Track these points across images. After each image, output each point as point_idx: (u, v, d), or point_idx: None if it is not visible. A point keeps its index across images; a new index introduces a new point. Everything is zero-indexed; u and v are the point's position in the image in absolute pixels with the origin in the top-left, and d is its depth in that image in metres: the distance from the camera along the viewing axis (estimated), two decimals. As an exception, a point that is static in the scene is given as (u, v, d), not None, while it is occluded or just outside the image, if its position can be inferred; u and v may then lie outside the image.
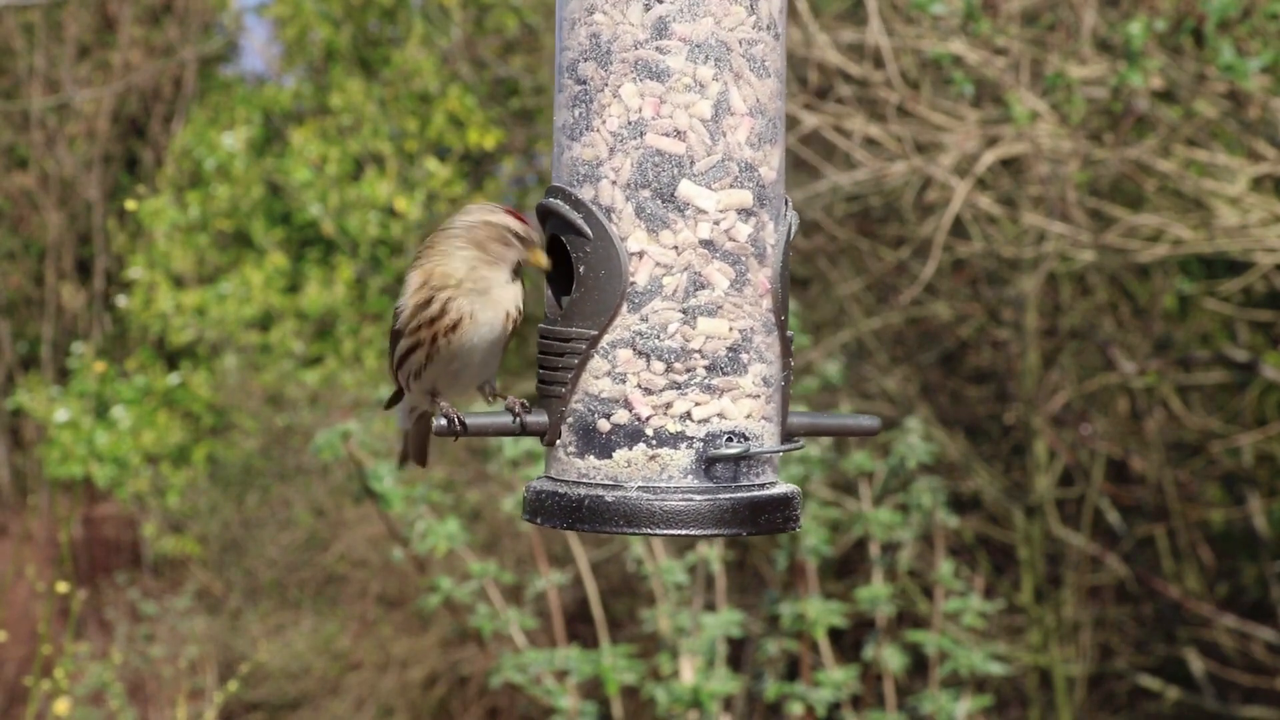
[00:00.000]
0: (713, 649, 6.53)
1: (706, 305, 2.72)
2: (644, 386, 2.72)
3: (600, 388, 2.74)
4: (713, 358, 2.73)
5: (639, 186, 2.72)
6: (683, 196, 2.71)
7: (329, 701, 11.12)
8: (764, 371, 2.77)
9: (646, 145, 2.72)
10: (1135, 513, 10.33)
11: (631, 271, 2.71)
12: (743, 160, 2.74)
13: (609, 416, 2.74)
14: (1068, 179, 7.60)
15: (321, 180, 14.86)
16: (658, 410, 2.72)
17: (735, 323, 2.74)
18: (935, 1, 6.55)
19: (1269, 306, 9.79)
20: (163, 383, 15.00)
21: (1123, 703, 10.31)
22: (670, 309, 2.72)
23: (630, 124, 2.72)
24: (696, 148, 2.72)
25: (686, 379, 2.72)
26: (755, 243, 2.75)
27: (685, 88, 2.71)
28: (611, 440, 2.74)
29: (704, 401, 2.73)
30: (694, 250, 2.72)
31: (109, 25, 17.35)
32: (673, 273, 2.72)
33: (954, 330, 10.39)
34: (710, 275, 2.73)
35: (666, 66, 2.71)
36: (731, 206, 2.73)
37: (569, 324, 2.75)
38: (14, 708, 12.28)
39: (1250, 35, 6.44)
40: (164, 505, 14.20)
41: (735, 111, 2.73)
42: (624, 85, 2.72)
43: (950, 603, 6.69)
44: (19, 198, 17.01)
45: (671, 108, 2.71)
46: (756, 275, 2.75)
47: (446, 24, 14.29)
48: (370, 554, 11.22)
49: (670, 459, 2.72)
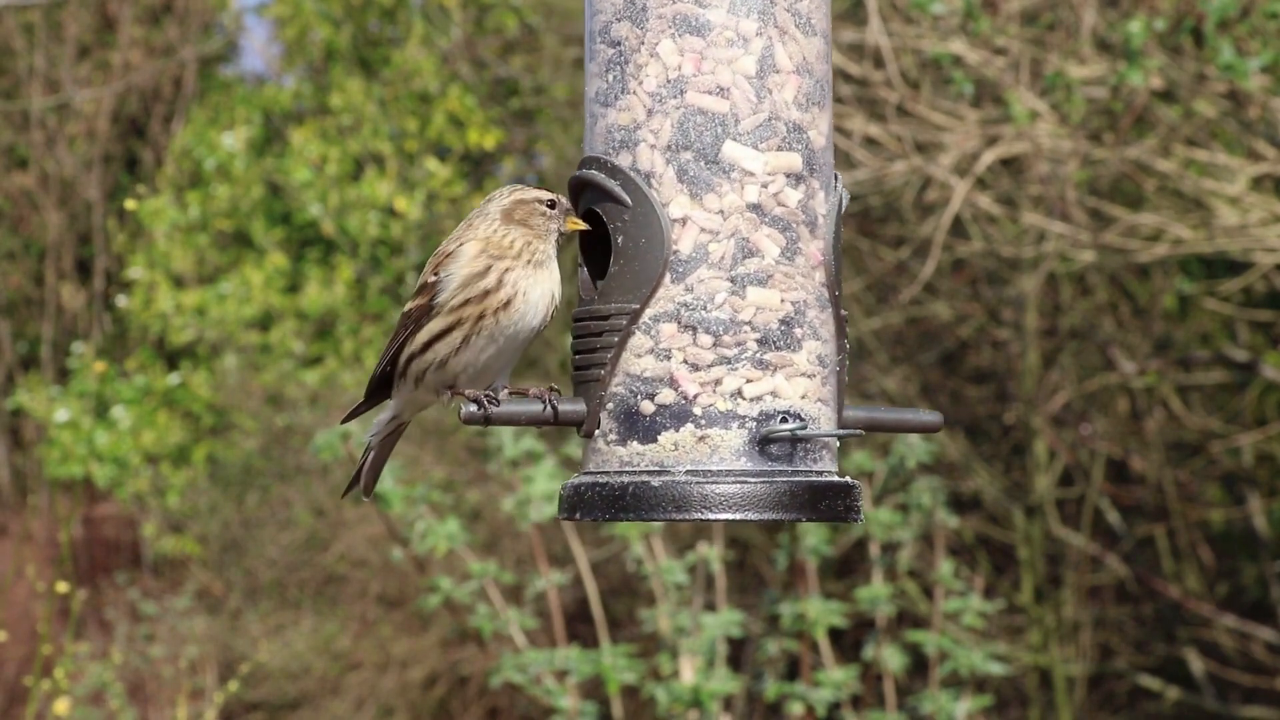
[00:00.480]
0: (713, 649, 6.53)
1: (756, 274, 2.54)
2: (690, 362, 2.54)
3: (643, 366, 2.55)
4: (764, 330, 2.54)
5: (680, 148, 2.54)
6: (728, 157, 2.54)
7: (329, 701, 11.12)
8: (819, 350, 2.58)
9: (688, 104, 2.55)
10: (1135, 513, 10.33)
11: (674, 239, 2.54)
12: (790, 121, 2.56)
13: (653, 397, 2.54)
14: (1068, 179, 7.60)
15: (321, 180, 14.86)
16: (706, 387, 2.53)
17: (787, 294, 2.55)
18: (935, 1, 6.55)
19: (1269, 306, 9.79)
20: (163, 383, 15.00)
21: (1123, 703, 10.31)
22: (717, 278, 2.54)
23: (669, 82, 2.55)
24: (741, 105, 2.55)
25: (737, 353, 2.53)
26: (806, 210, 2.57)
27: (728, 42, 2.54)
28: (656, 422, 2.54)
29: (756, 378, 2.54)
30: (741, 215, 2.54)
31: (109, 25, 17.35)
32: (719, 239, 2.54)
33: (954, 330, 10.39)
34: (759, 242, 2.55)
35: (707, 20, 2.54)
36: (780, 169, 2.55)
37: (608, 300, 2.57)
38: (14, 708, 12.28)
39: (1250, 35, 6.43)
40: (164, 505, 14.19)
41: (781, 69, 2.56)
42: (662, 43, 2.55)
43: (950, 603, 6.69)
44: (19, 198, 17.01)
45: (713, 64, 2.54)
46: (808, 245, 2.57)
47: (446, 24, 14.29)
48: (370, 554, 11.22)
49: (721, 440, 2.53)
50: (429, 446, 11.05)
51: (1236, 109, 7.18)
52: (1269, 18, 6.31)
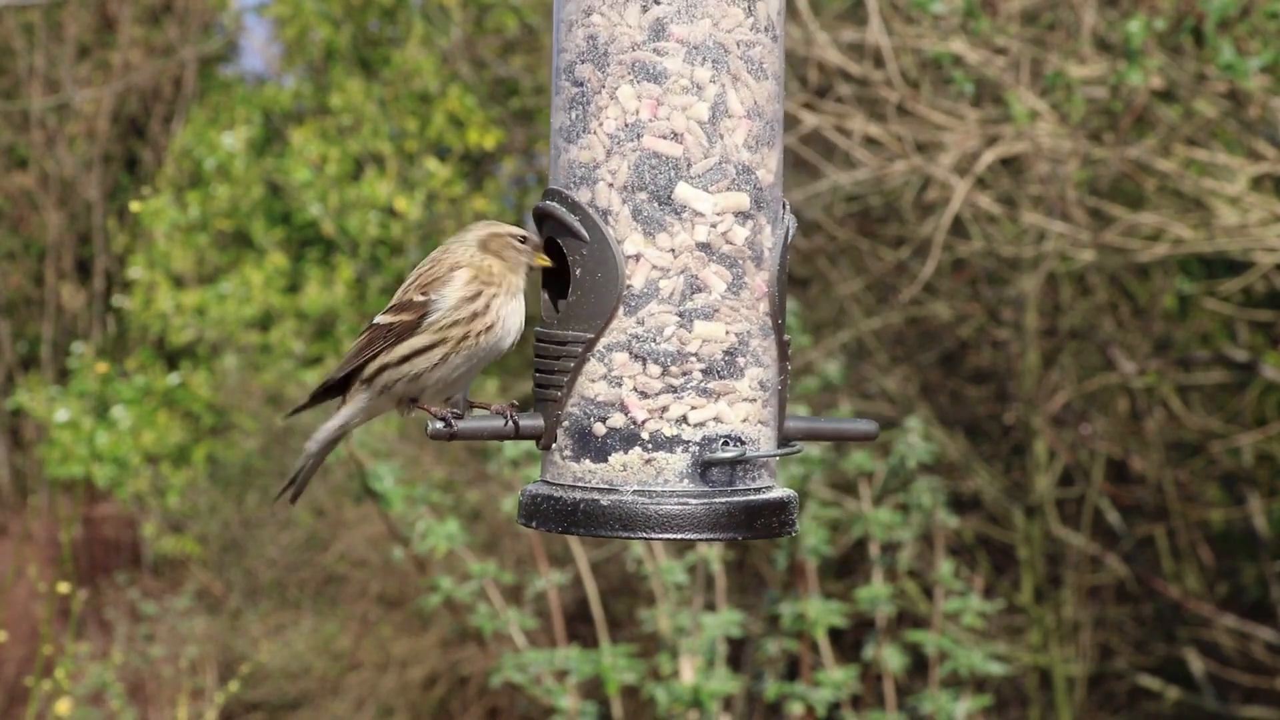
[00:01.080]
0: (713, 649, 6.53)
1: (703, 308, 2.70)
2: (640, 390, 2.71)
3: (596, 391, 2.72)
4: (709, 361, 2.71)
5: (636, 189, 2.70)
6: (680, 199, 2.69)
7: (329, 701, 11.12)
8: (760, 375, 2.75)
9: (644, 147, 2.70)
10: (1135, 513, 10.33)
11: (628, 274, 2.70)
12: (740, 163, 2.72)
13: (605, 420, 2.72)
14: (1067, 178, 7.60)
15: (321, 180, 14.86)
16: (654, 414, 2.70)
17: (732, 326, 2.72)
18: (935, 1, 6.55)
19: (1269, 306, 9.78)
20: (163, 383, 15.00)
21: (1123, 703, 10.31)
22: (667, 312, 2.70)
23: (627, 126, 2.70)
24: (694, 150, 2.69)
25: (683, 382, 2.70)
26: (752, 246, 2.73)
27: (683, 89, 2.69)
28: (607, 444, 2.72)
29: (700, 405, 2.71)
30: (691, 253, 2.70)
31: (109, 25, 17.35)
32: (669, 275, 2.70)
33: (954, 330, 10.39)
34: (707, 278, 2.71)
35: (664, 68, 2.69)
36: (729, 209, 2.71)
37: (565, 327, 2.74)
38: (14, 708, 12.28)
39: (1250, 34, 6.43)
40: (164, 505, 14.19)
41: (733, 114, 2.71)
42: (621, 87, 2.70)
43: (950, 603, 6.69)
44: (19, 198, 17.01)
45: (669, 109, 2.69)
46: (754, 278, 2.73)
47: (446, 24, 14.29)
48: (370, 554, 11.22)
49: (666, 463, 2.70)
50: (429, 447, 11.05)
51: (1236, 109, 7.18)
52: (1269, 17, 6.30)
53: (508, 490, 7.71)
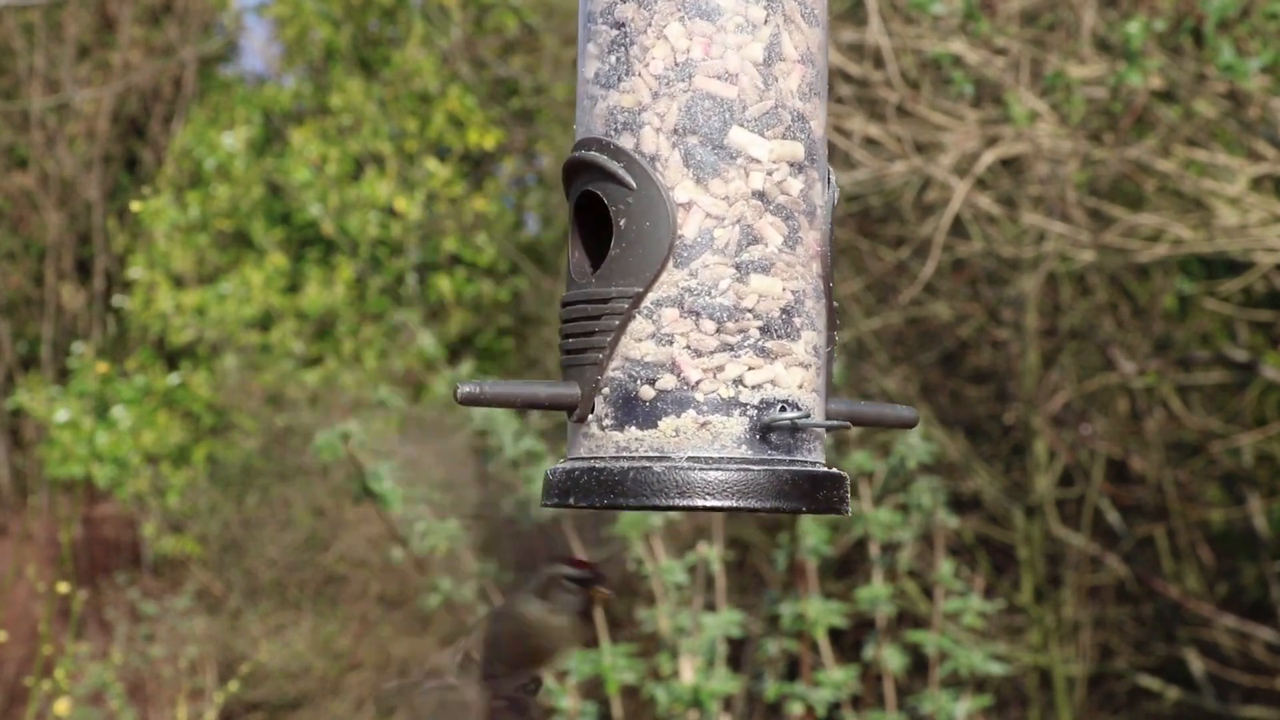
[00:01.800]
0: (713, 649, 6.53)
1: (760, 261, 2.51)
2: (693, 348, 2.49)
3: (643, 351, 2.50)
4: (767, 318, 2.51)
5: (687, 132, 2.51)
6: (734, 143, 2.51)
7: (329, 701, 11.12)
8: (815, 340, 2.56)
9: (695, 88, 2.51)
10: (1135, 513, 10.33)
11: (679, 223, 2.50)
12: (794, 109, 2.55)
13: (654, 382, 2.50)
14: (1067, 179, 7.60)
15: (321, 180, 14.86)
16: (709, 374, 2.49)
17: (789, 283, 2.53)
18: (935, 1, 6.55)
19: (1269, 306, 9.79)
20: (163, 383, 15.00)
21: (1123, 703, 10.31)
22: (722, 264, 2.50)
23: (677, 65, 2.52)
24: (749, 92, 2.52)
25: (740, 340, 2.50)
26: (806, 200, 2.56)
27: (737, 28, 2.52)
28: (657, 408, 2.49)
29: (758, 366, 2.50)
30: (746, 201, 2.51)
31: (109, 25, 17.35)
32: (724, 225, 2.51)
33: (954, 330, 10.39)
34: (763, 230, 2.52)
35: (717, 5, 2.52)
36: (784, 158, 2.54)
37: (607, 284, 2.52)
38: (14, 708, 12.29)
39: (1250, 35, 6.43)
40: (164, 505, 14.19)
41: (787, 57, 2.55)
42: (670, 25, 2.52)
43: (950, 603, 6.69)
44: (19, 198, 17.01)
45: (722, 49, 2.52)
46: (808, 235, 2.56)
47: (446, 24, 14.29)
48: (370, 554, 11.22)
49: (723, 427, 2.48)
50: (429, 447, 11.05)
51: (1236, 109, 7.18)
52: (1269, 18, 6.31)
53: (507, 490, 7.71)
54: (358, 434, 6.41)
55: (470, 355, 14.45)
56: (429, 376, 12.80)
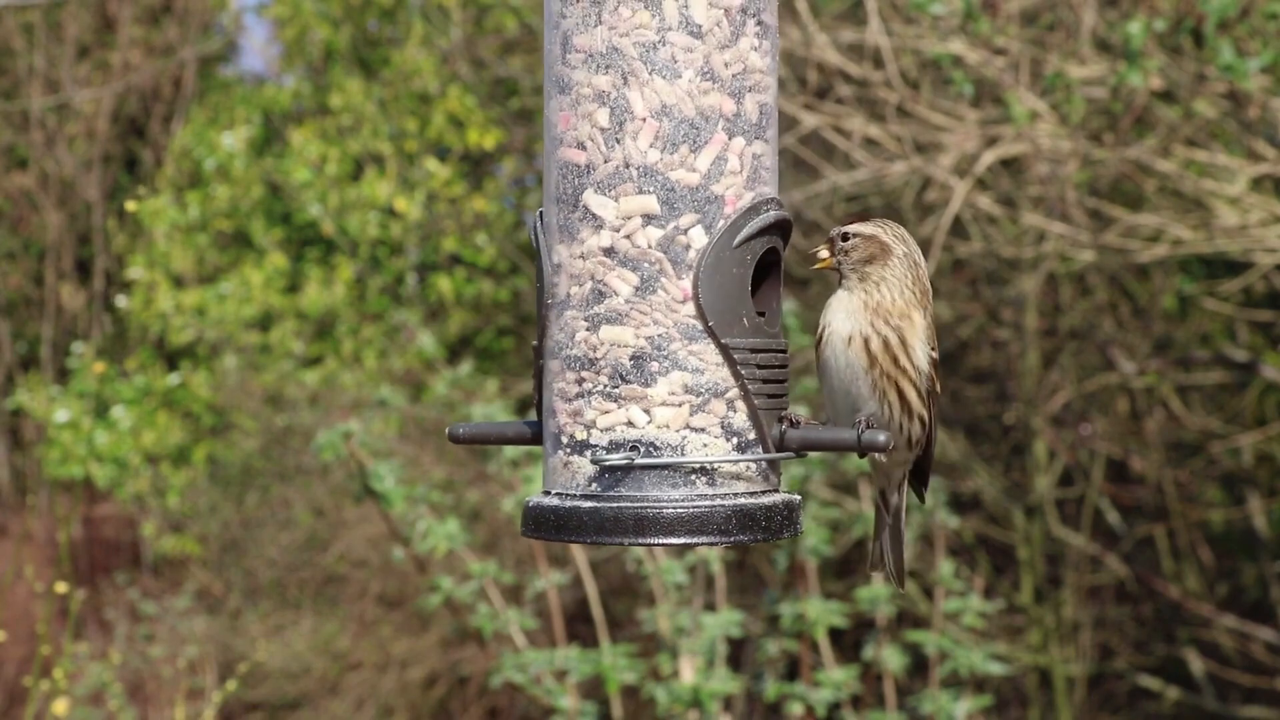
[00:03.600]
0: (713, 649, 6.53)
1: (608, 313, 2.74)
2: (562, 395, 2.77)
3: (547, 396, 2.81)
4: (615, 365, 2.74)
5: (558, 200, 2.77)
6: (586, 205, 2.74)
7: (329, 701, 11.12)
8: (686, 380, 2.74)
9: (559, 159, 2.77)
10: (1135, 513, 10.33)
11: (555, 283, 2.78)
12: (644, 165, 2.73)
13: (549, 423, 2.81)
14: (1067, 179, 7.60)
15: (321, 180, 14.86)
16: (571, 418, 2.76)
17: (642, 330, 2.74)
18: (935, 1, 6.55)
19: (1269, 306, 9.79)
20: (163, 383, 15.00)
21: (1123, 703, 10.31)
22: (577, 318, 2.75)
23: (552, 139, 2.78)
24: (594, 156, 2.73)
25: (591, 387, 2.74)
26: (668, 249, 2.73)
27: (585, 98, 2.74)
28: (550, 448, 2.81)
29: (609, 410, 2.74)
30: (596, 258, 2.73)
31: (109, 25, 17.35)
32: (580, 282, 2.75)
33: (954, 330, 10.39)
34: (611, 282, 2.74)
35: (570, 79, 2.74)
36: (635, 212, 2.73)
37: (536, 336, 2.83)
38: (14, 708, 12.29)
39: (1250, 35, 6.44)
40: (164, 505, 14.20)
41: (638, 115, 2.73)
42: (549, 102, 2.79)
43: (950, 603, 6.69)
44: (19, 198, 17.01)
45: (577, 119, 2.74)
46: (671, 282, 2.73)
47: (446, 24, 14.29)
48: (370, 554, 11.22)
49: (579, 466, 2.75)
50: (429, 446, 11.06)
51: (1236, 109, 7.18)
52: (1269, 18, 6.31)
53: (508, 490, 7.72)
54: (359, 434, 6.41)
55: (470, 355, 14.45)
56: (429, 376, 12.81)
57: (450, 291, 14.67)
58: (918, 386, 2.92)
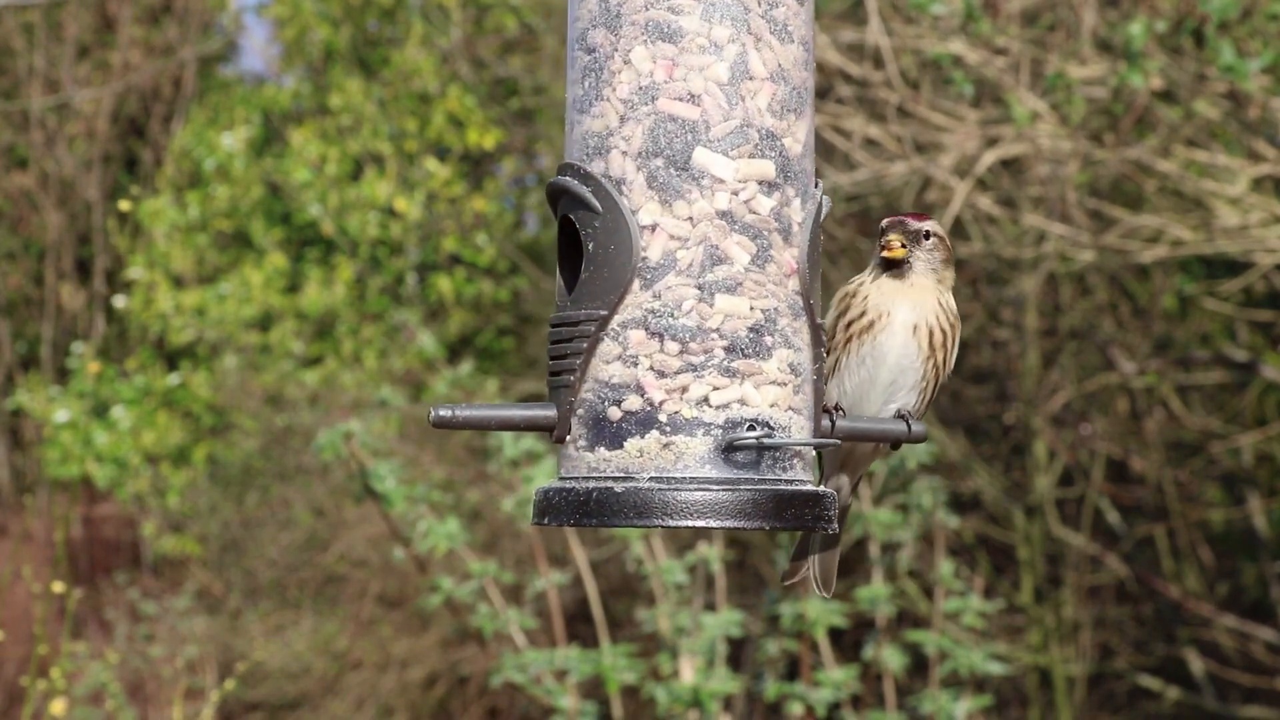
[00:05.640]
0: (713, 649, 6.53)
1: (725, 281, 2.54)
2: (657, 369, 2.53)
3: (611, 373, 2.55)
4: (732, 338, 2.54)
5: (651, 155, 2.54)
6: (698, 164, 2.54)
7: (329, 701, 11.12)
8: (790, 358, 2.58)
9: (659, 111, 2.54)
10: (1135, 513, 10.33)
11: (643, 246, 2.54)
12: (764, 128, 2.56)
13: (620, 403, 2.54)
14: (1068, 179, 7.60)
15: (321, 180, 14.86)
16: (672, 394, 2.53)
17: (757, 301, 2.56)
18: (935, 1, 6.55)
19: (1269, 306, 9.79)
20: (163, 383, 15.00)
21: (1123, 703, 10.31)
22: (685, 284, 2.54)
23: (641, 89, 2.55)
24: (713, 112, 2.54)
25: (704, 360, 2.53)
26: (779, 218, 2.58)
27: (700, 49, 2.54)
28: (623, 429, 2.54)
29: (723, 385, 2.54)
30: (710, 222, 2.54)
31: (109, 25, 17.35)
32: (688, 246, 2.54)
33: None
34: (729, 249, 2.55)
35: (680, 27, 2.54)
36: (752, 177, 2.56)
37: (578, 306, 2.58)
38: (14, 708, 12.29)
39: (1250, 36, 6.44)
40: (164, 505, 14.20)
41: (755, 76, 2.56)
42: (635, 49, 2.55)
43: (950, 603, 6.69)
44: (19, 198, 17.01)
45: (685, 70, 2.54)
46: (781, 254, 2.58)
47: (446, 24, 14.29)
48: (370, 554, 11.22)
49: (686, 447, 2.53)
50: (429, 446, 11.06)
51: (1237, 110, 7.18)
52: (1270, 19, 6.31)
53: (508, 490, 7.72)
54: (359, 434, 6.41)
55: (470, 355, 14.45)
56: (429, 376, 12.80)
57: (450, 291, 14.67)
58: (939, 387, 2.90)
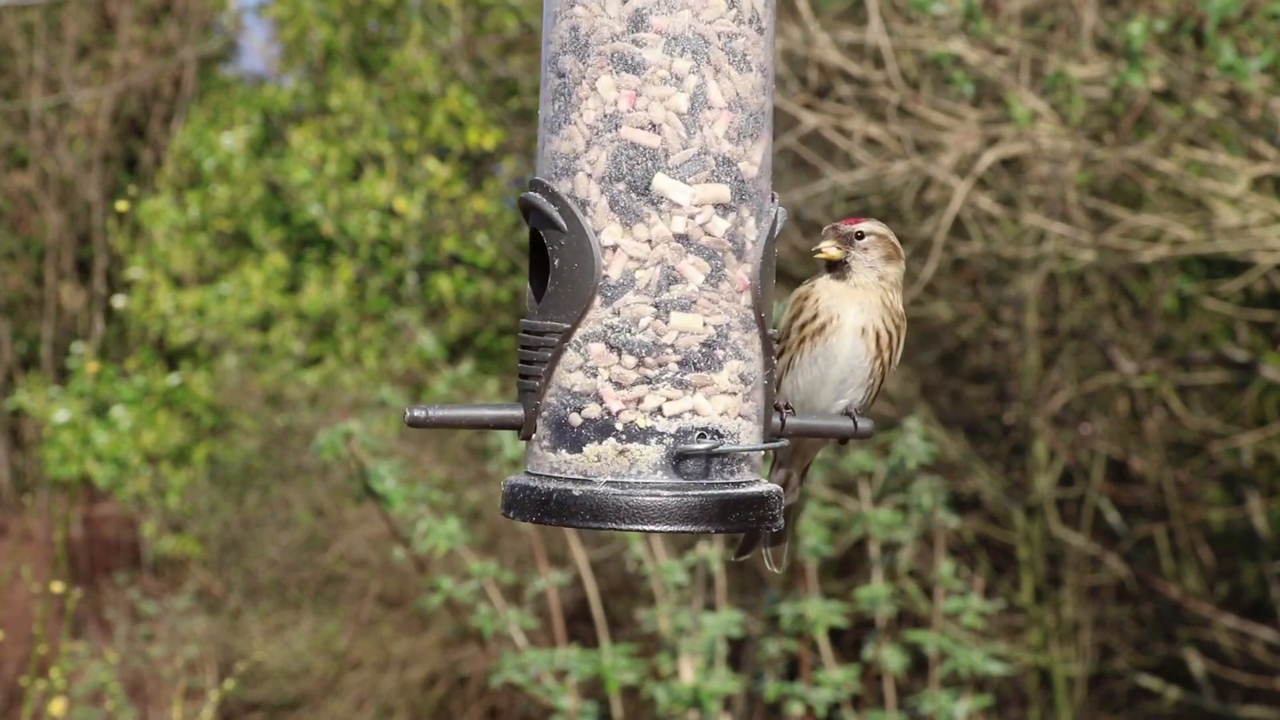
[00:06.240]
0: (713, 649, 6.53)
1: (680, 300, 2.71)
2: (615, 380, 2.70)
3: (573, 381, 2.73)
4: (685, 353, 2.71)
5: (614, 179, 2.71)
6: (657, 190, 2.70)
7: (329, 701, 11.12)
8: (741, 368, 2.75)
9: (622, 138, 2.70)
10: (1135, 513, 10.33)
11: (605, 265, 2.71)
12: (720, 154, 2.72)
13: (580, 410, 2.72)
14: (1068, 179, 7.60)
15: (321, 180, 14.86)
16: (628, 404, 2.70)
17: (710, 318, 2.72)
18: (935, 1, 6.55)
19: (1269, 306, 9.79)
20: (163, 383, 15.00)
21: (1123, 703, 10.31)
22: (643, 303, 2.70)
23: (606, 117, 2.70)
24: (672, 141, 2.70)
25: (658, 373, 2.70)
26: (733, 238, 2.73)
27: (661, 80, 2.69)
28: (582, 434, 2.72)
29: (676, 397, 2.70)
30: (668, 244, 2.70)
31: (109, 25, 17.36)
32: (646, 266, 2.70)
33: (954, 330, 10.39)
34: (684, 270, 2.71)
35: (643, 59, 2.69)
36: (708, 201, 2.71)
37: (545, 317, 2.75)
38: (13, 707, 12.29)
39: (1251, 35, 6.44)
40: (164, 505, 14.20)
41: (713, 105, 2.71)
42: (601, 78, 2.70)
43: (950, 603, 6.69)
44: (19, 198, 17.01)
45: (647, 100, 2.69)
46: (735, 271, 2.73)
47: (446, 24, 14.29)
48: (370, 554, 11.22)
49: (640, 454, 2.70)
50: (429, 446, 11.06)
51: (1237, 109, 7.18)
52: (1270, 18, 6.31)
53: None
54: (359, 434, 6.41)
55: (470, 355, 14.45)
56: (429, 376, 12.81)
57: (450, 291, 14.67)
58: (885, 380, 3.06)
